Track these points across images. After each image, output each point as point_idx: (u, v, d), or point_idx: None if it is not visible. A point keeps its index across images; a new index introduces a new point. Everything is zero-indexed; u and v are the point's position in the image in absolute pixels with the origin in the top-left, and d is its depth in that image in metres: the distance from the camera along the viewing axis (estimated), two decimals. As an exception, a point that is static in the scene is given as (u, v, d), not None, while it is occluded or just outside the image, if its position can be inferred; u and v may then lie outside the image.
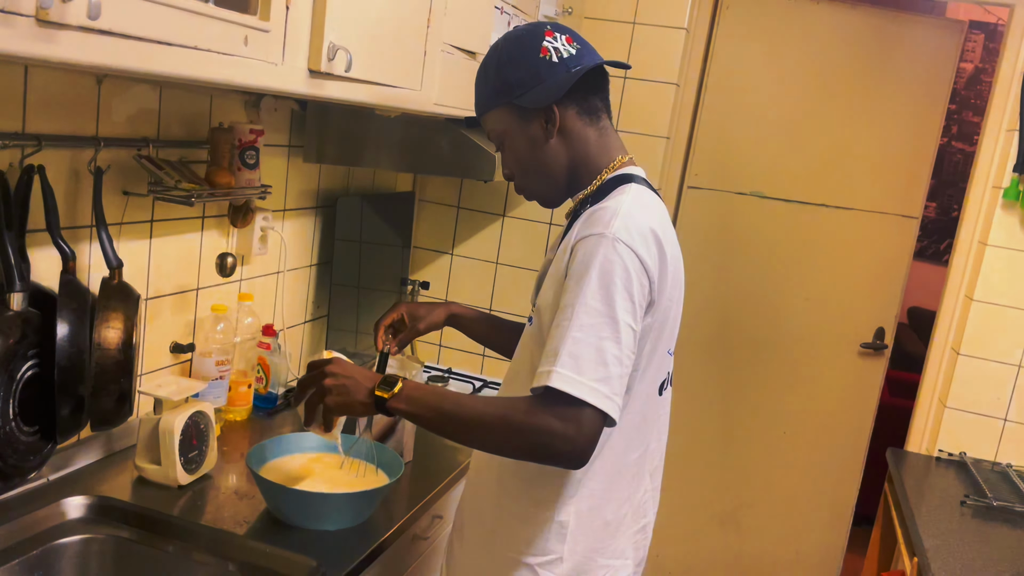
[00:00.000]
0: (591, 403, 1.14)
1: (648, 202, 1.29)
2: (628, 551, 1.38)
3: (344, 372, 1.30)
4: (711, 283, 2.96)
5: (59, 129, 1.47)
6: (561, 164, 1.35)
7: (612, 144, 1.37)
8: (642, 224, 1.22)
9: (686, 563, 3.16)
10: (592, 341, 1.15)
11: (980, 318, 2.48)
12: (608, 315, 1.17)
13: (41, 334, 1.39)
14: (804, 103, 2.86)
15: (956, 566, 1.84)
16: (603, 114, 1.37)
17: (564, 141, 1.34)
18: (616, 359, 1.16)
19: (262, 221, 2.00)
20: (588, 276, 1.18)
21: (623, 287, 1.18)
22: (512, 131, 1.35)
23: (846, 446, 3.08)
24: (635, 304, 1.19)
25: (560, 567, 1.31)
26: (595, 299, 1.17)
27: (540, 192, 1.41)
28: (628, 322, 1.18)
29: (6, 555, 1.34)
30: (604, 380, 1.15)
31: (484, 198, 2.78)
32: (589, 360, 1.14)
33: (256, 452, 1.64)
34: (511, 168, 1.40)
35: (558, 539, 1.31)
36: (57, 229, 1.43)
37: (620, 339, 1.17)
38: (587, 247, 1.20)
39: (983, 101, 4.93)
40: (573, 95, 1.31)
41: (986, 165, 2.51)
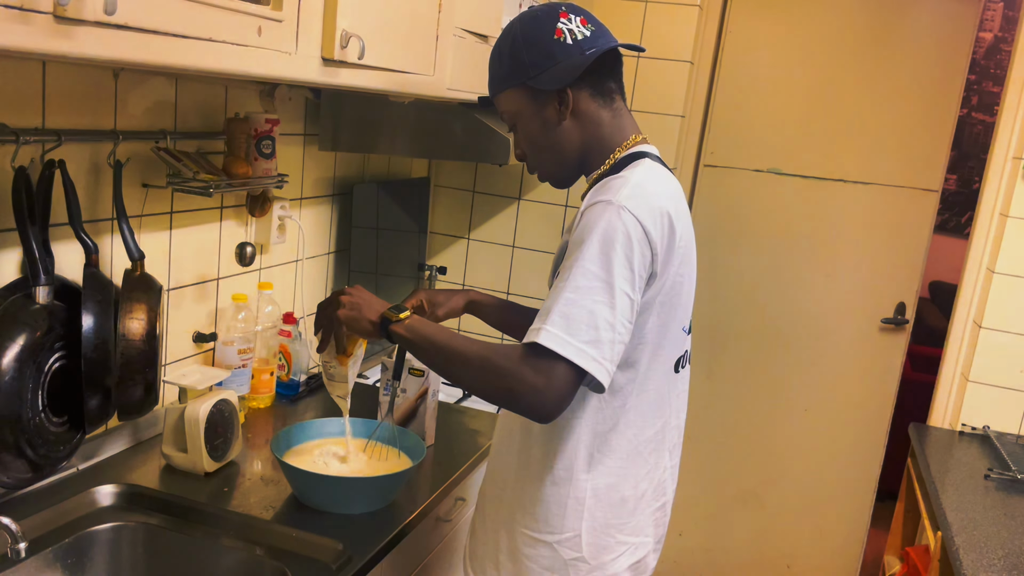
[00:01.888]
0: (574, 361, 1.14)
1: (660, 177, 1.30)
2: (648, 528, 1.39)
3: (360, 294, 1.40)
4: (730, 262, 2.95)
5: (78, 124, 1.49)
6: (574, 145, 1.35)
7: (626, 125, 1.37)
8: (651, 195, 1.23)
9: (708, 541, 3.17)
10: (586, 304, 1.16)
11: (1002, 291, 2.46)
12: (605, 280, 1.17)
13: (67, 327, 1.42)
14: (820, 77, 2.83)
15: (981, 539, 1.84)
16: (617, 96, 1.37)
17: (577, 122, 1.34)
18: (608, 324, 1.16)
19: (279, 210, 2.02)
20: (590, 240, 1.18)
21: (623, 254, 1.18)
22: (525, 112, 1.35)
23: (868, 422, 3.07)
24: (634, 273, 1.19)
25: (578, 544, 1.32)
26: (594, 263, 1.17)
27: (552, 173, 1.41)
28: (625, 290, 1.18)
29: (39, 543, 1.37)
30: (593, 343, 1.15)
31: (499, 182, 2.78)
32: (580, 322, 1.15)
33: (280, 438, 1.66)
34: (523, 149, 1.40)
35: (576, 516, 1.32)
36: (79, 223, 1.45)
37: (615, 305, 1.17)
38: (593, 213, 1.21)
39: (1003, 71, 4.85)
40: (587, 77, 1.31)
41: (1006, 136, 2.48)
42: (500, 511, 1.41)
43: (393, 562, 1.58)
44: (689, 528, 3.13)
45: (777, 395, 3.05)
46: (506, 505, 1.39)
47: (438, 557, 1.83)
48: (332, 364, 1.54)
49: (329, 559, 1.41)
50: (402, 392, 1.90)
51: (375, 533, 1.51)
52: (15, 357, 1.33)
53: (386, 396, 1.93)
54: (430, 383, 1.90)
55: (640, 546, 1.38)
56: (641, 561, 1.39)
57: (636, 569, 1.38)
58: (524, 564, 1.35)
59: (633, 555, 1.37)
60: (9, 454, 1.36)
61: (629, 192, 1.21)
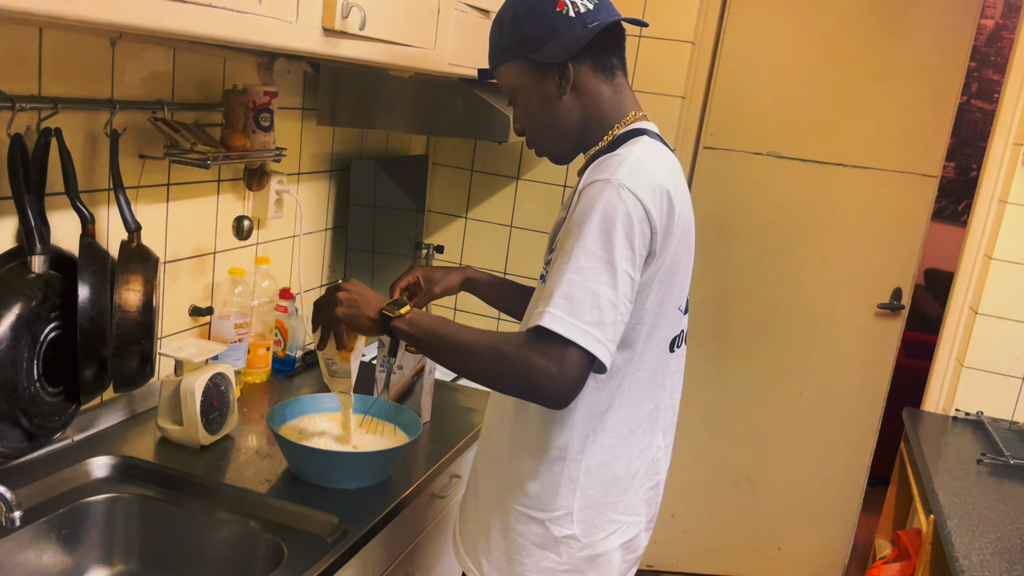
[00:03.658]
0: (580, 344, 1.14)
1: (659, 154, 1.28)
2: (640, 507, 1.39)
3: (357, 289, 1.37)
4: (728, 244, 2.95)
5: (74, 92, 1.47)
6: (573, 121, 1.34)
7: (626, 101, 1.35)
8: (650, 173, 1.22)
9: (701, 522, 3.18)
10: (589, 285, 1.15)
11: (999, 277, 2.46)
12: (607, 260, 1.16)
13: (63, 296, 1.41)
14: (822, 61, 2.81)
15: (973, 523, 1.85)
16: (618, 71, 1.35)
17: (577, 98, 1.32)
18: (611, 304, 1.16)
19: (277, 184, 2.00)
20: (590, 220, 1.17)
21: (624, 234, 1.17)
22: (525, 86, 1.33)
23: (862, 407, 3.08)
24: (635, 252, 1.19)
25: (570, 522, 1.32)
26: (595, 243, 1.17)
27: (551, 148, 1.39)
28: (626, 269, 1.18)
29: (33, 514, 1.36)
30: (597, 324, 1.15)
31: (498, 161, 2.76)
32: (583, 303, 1.15)
33: (276, 412, 1.65)
34: (522, 123, 1.38)
35: (568, 494, 1.32)
36: (75, 192, 1.44)
37: (617, 285, 1.16)
38: (592, 192, 1.20)
39: (1003, 58, 4.84)
40: (589, 51, 1.29)
41: (1007, 122, 2.48)
42: (492, 488, 1.40)
43: (388, 537, 1.59)
44: (682, 510, 3.15)
45: (772, 378, 3.06)
46: (499, 482, 1.39)
47: (432, 533, 1.83)
48: (333, 360, 1.52)
49: (324, 533, 1.41)
50: (398, 369, 1.89)
51: (370, 508, 1.51)
52: (10, 326, 1.32)
53: (382, 372, 1.92)
54: (426, 360, 1.89)
55: (632, 524, 1.38)
56: (633, 540, 1.39)
57: (628, 547, 1.38)
58: (516, 541, 1.35)
59: (625, 534, 1.37)
60: (4, 423, 1.35)
61: (628, 170, 1.20)
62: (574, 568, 1.33)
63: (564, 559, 1.32)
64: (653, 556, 3.20)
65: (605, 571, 1.35)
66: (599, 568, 1.34)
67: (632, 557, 1.41)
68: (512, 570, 1.35)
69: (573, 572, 1.33)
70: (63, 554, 1.41)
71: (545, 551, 1.33)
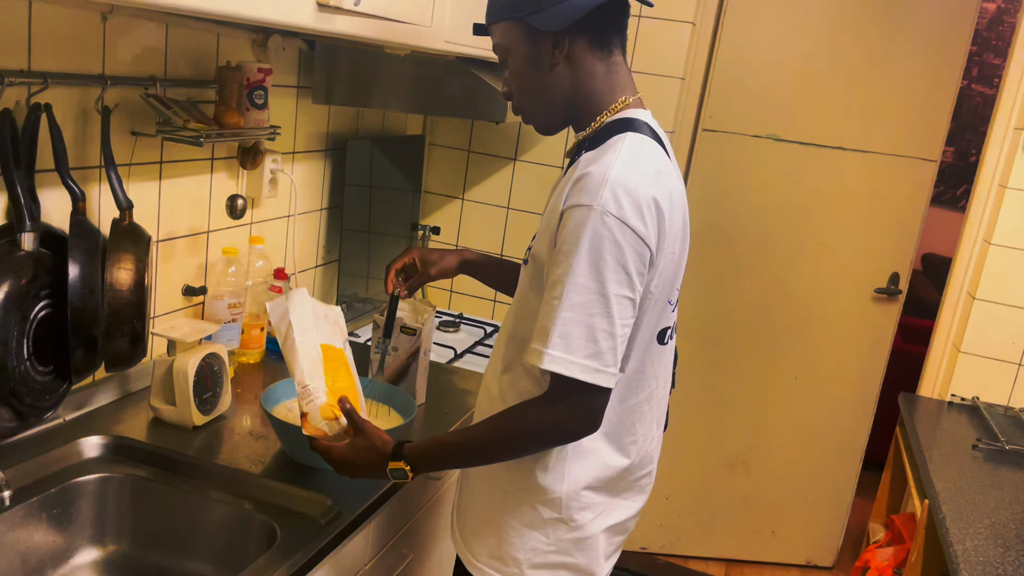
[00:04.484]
0: (582, 380, 1.16)
1: (643, 155, 1.23)
2: (631, 494, 1.39)
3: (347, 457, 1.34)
4: (725, 227, 2.93)
5: (65, 67, 1.45)
6: (562, 94, 1.30)
7: (619, 83, 1.31)
8: (634, 190, 1.17)
9: (695, 505, 3.19)
10: (582, 319, 1.15)
11: (997, 262, 2.45)
12: (598, 291, 1.15)
13: (53, 274, 1.39)
14: (823, 43, 2.79)
15: (967, 508, 1.85)
16: (616, 50, 1.31)
17: (570, 70, 1.28)
18: (607, 334, 1.16)
19: (271, 163, 1.98)
20: (577, 252, 1.15)
21: (614, 261, 1.15)
22: (518, 49, 1.29)
23: (858, 391, 3.08)
24: (631, 274, 1.17)
25: (558, 505, 1.32)
26: (584, 276, 1.15)
27: (535, 117, 1.35)
28: (622, 294, 1.17)
29: (25, 493, 1.35)
30: (594, 356, 1.16)
31: (495, 142, 2.74)
32: (579, 338, 1.16)
33: (270, 393, 1.64)
34: (510, 86, 1.34)
35: (556, 479, 1.31)
36: (66, 169, 1.42)
37: (611, 313, 1.16)
38: (576, 219, 1.16)
39: (1005, 43, 4.81)
40: (588, 23, 1.25)
41: (1008, 106, 2.46)
42: (483, 469, 1.40)
43: (382, 519, 1.58)
44: (676, 492, 3.15)
45: (768, 362, 3.06)
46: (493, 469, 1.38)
47: (427, 515, 1.83)
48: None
49: (318, 514, 1.40)
50: (393, 350, 1.88)
51: (364, 489, 1.50)
52: None
53: (376, 354, 1.91)
54: (421, 341, 1.88)
55: (622, 509, 1.38)
56: (621, 524, 1.39)
57: (615, 530, 1.39)
58: (505, 521, 1.34)
59: (613, 518, 1.37)
60: (-6, 402, 1.34)
61: (609, 193, 1.16)
62: (561, 550, 1.33)
63: (551, 540, 1.33)
64: (647, 539, 3.21)
65: (592, 554, 1.35)
66: (586, 551, 1.34)
67: (618, 540, 1.41)
68: (501, 550, 1.35)
69: (560, 554, 1.33)
70: (54, 534, 1.40)
71: (533, 532, 1.33)
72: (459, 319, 2.66)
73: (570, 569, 1.34)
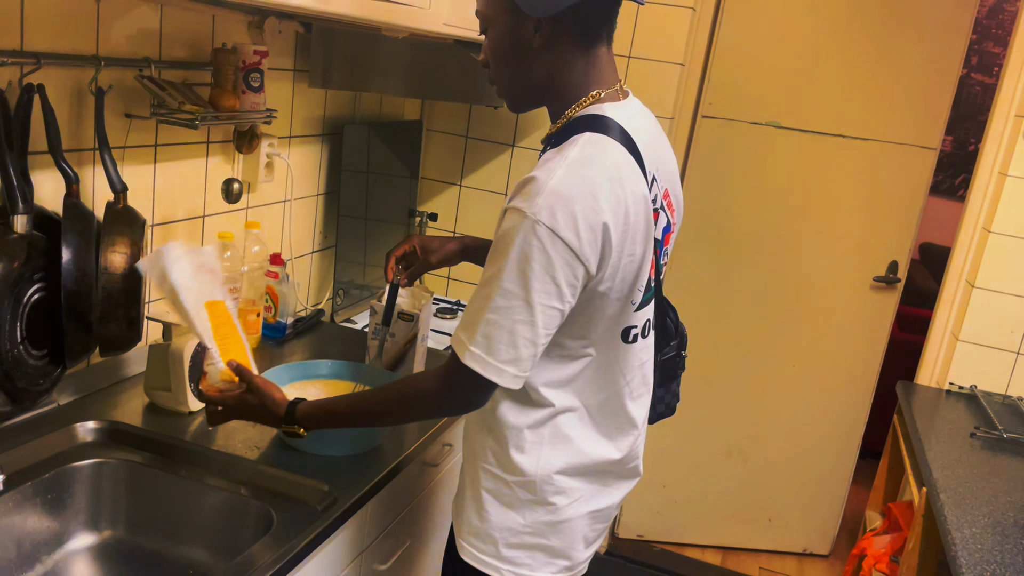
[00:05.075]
0: (496, 382, 1.19)
1: (593, 161, 1.17)
2: (613, 482, 1.39)
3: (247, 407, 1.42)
4: (724, 215, 2.92)
5: (58, 47, 1.43)
6: (537, 77, 1.27)
7: (596, 77, 1.27)
8: (570, 202, 1.13)
9: (692, 493, 3.19)
10: (506, 324, 1.16)
11: (997, 251, 2.44)
12: (523, 299, 1.15)
13: (47, 258, 1.38)
14: (823, 31, 2.77)
15: (965, 496, 1.85)
16: (602, 43, 1.27)
17: (548, 57, 1.25)
18: (528, 341, 1.17)
19: (268, 147, 1.97)
20: (507, 257, 1.15)
21: (542, 271, 1.14)
22: (500, 22, 1.25)
23: (855, 379, 3.08)
24: (559, 285, 1.15)
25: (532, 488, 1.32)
26: (511, 282, 1.15)
27: (509, 92, 1.33)
28: (547, 304, 1.16)
29: (19, 477, 1.34)
30: (513, 361, 1.18)
31: (493, 128, 2.72)
32: (501, 343, 1.17)
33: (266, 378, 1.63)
34: (487, 57, 1.31)
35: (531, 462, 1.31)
36: (59, 151, 1.40)
37: (535, 322, 1.16)
38: (510, 222, 1.15)
39: (1005, 32, 4.80)
40: (575, 13, 1.21)
41: (1009, 93, 2.45)
42: (469, 447, 1.41)
43: (379, 504, 1.57)
44: (673, 480, 3.15)
45: (766, 350, 3.05)
46: (474, 440, 1.39)
47: (424, 501, 1.82)
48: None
49: (314, 500, 1.39)
50: (391, 336, 1.87)
51: (361, 476, 1.49)
52: (-8, 287, 1.29)
53: (374, 340, 1.90)
54: (419, 328, 1.87)
55: (602, 496, 1.37)
56: (603, 510, 1.39)
57: (596, 517, 1.38)
58: (484, 498, 1.35)
59: (592, 504, 1.37)
60: (-13, 386, 1.33)
61: (544, 200, 1.13)
62: (536, 531, 1.34)
63: (528, 522, 1.33)
64: (643, 526, 3.21)
65: (568, 537, 1.35)
66: (562, 534, 1.35)
67: (600, 527, 1.41)
68: (480, 527, 1.36)
69: (535, 535, 1.34)
70: (48, 519, 1.39)
71: (511, 512, 1.34)
72: (456, 306, 2.65)
73: (545, 551, 1.35)
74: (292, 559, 1.26)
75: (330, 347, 2.09)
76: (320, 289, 2.41)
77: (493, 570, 1.34)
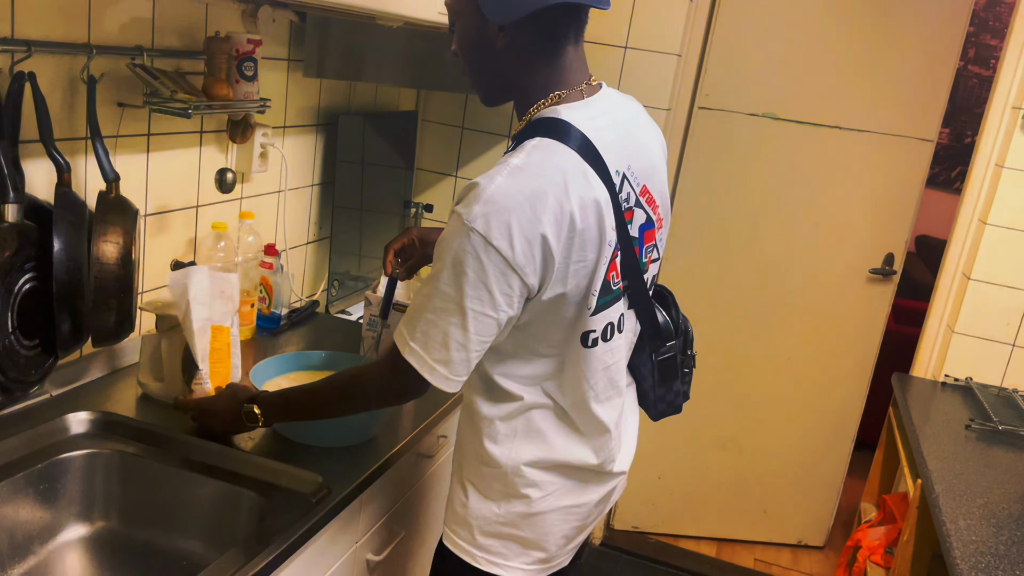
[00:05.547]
0: (427, 379, 1.22)
1: (537, 170, 1.16)
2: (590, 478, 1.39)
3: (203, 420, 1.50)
4: (720, 206, 2.92)
5: (49, 35, 1.41)
6: (500, 73, 1.27)
7: (558, 79, 1.26)
8: (506, 211, 1.12)
9: (687, 485, 3.19)
10: (441, 325, 1.19)
11: (993, 242, 2.44)
12: (456, 303, 1.17)
13: (38, 247, 1.37)
14: (820, 22, 2.76)
15: (960, 488, 1.85)
16: (568, 43, 1.25)
17: (511, 56, 1.24)
18: (459, 345, 1.19)
19: (262, 137, 1.95)
20: (445, 261, 1.16)
21: (475, 278, 1.15)
22: (466, 17, 1.25)
23: (851, 372, 3.08)
24: (492, 293, 1.15)
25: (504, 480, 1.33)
26: (448, 285, 1.17)
27: (477, 86, 1.33)
28: (479, 311, 1.17)
29: (11, 468, 1.33)
30: (443, 362, 1.20)
31: (489, 118, 2.71)
32: (435, 342, 1.20)
33: (260, 369, 1.62)
34: (457, 48, 1.31)
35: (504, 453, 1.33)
36: (51, 139, 1.39)
37: (467, 327, 1.18)
38: (451, 225, 1.16)
39: (1002, 24, 4.79)
40: (537, 19, 1.20)
41: (1006, 86, 2.44)
42: (457, 438, 1.43)
43: (373, 495, 1.57)
44: (668, 472, 3.15)
45: (761, 341, 3.05)
46: (460, 432, 1.42)
47: (419, 492, 1.82)
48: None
49: (308, 491, 1.39)
50: (386, 327, 1.86)
51: (355, 467, 1.49)
52: (-17, 277, 1.28)
53: (369, 332, 1.89)
54: (414, 319, 1.86)
55: (576, 492, 1.37)
56: (579, 506, 1.38)
57: (571, 512, 1.38)
58: (465, 485, 1.38)
59: (567, 499, 1.36)
60: (-23, 376, 1.32)
61: (481, 210, 1.13)
62: (509, 522, 1.35)
63: (502, 512, 1.35)
64: (638, 518, 3.22)
65: (541, 530, 1.36)
66: (535, 527, 1.35)
67: (577, 523, 1.40)
68: (460, 514, 1.38)
69: (508, 526, 1.35)
70: (41, 510, 1.38)
71: (488, 502, 1.35)
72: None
73: (519, 542, 1.36)
74: (285, 550, 1.25)
75: (325, 338, 2.09)
76: (315, 280, 2.40)
77: (469, 557, 1.37)
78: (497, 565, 1.36)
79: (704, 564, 3.12)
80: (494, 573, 1.37)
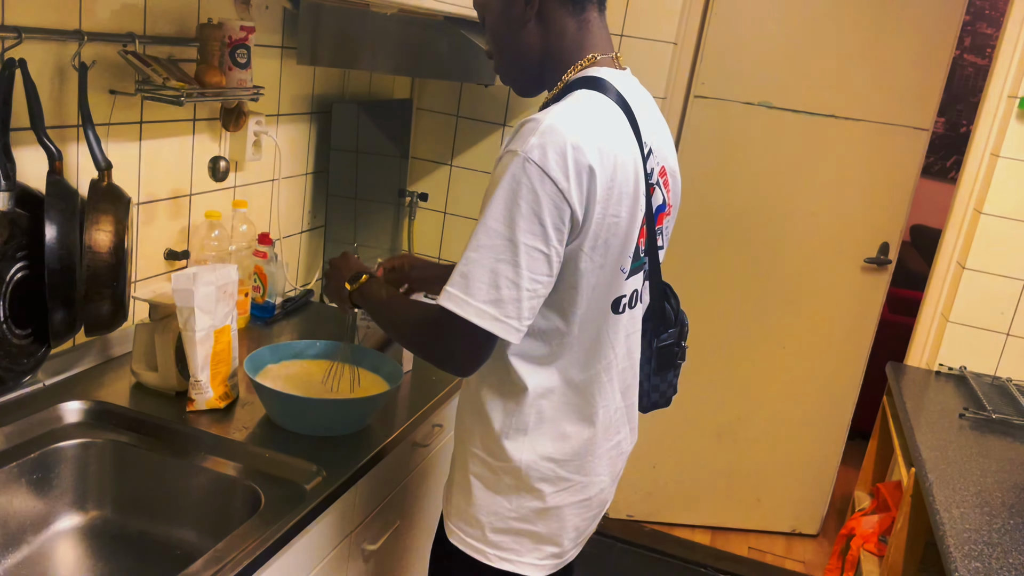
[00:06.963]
0: (476, 323, 1.13)
1: (589, 111, 1.17)
2: (599, 467, 1.37)
3: (337, 262, 1.49)
4: (715, 195, 2.91)
5: (40, 22, 1.40)
6: (535, 52, 1.28)
7: (589, 41, 1.28)
8: (563, 142, 1.12)
9: (681, 474, 3.20)
10: (486, 263, 1.12)
11: (988, 232, 2.44)
12: (508, 237, 1.12)
13: (30, 236, 1.36)
14: (817, 10, 2.75)
15: (954, 476, 1.85)
16: (592, 7, 1.28)
17: (541, 28, 1.27)
18: (511, 282, 1.12)
19: (255, 125, 1.94)
20: (495, 195, 1.13)
21: (529, 209, 1.12)
22: (492, 6, 1.28)
23: (845, 361, 3.08)
24: (546, 227, 1.13)
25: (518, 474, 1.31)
26: (496, 220, 1.12)
27: (513, 77, 1.34)
28: (533, 245, 1.12)
29: (3, 458, 1.33)
30: (494, 302, 1.12)
31: (484, 106, 2.70)
32: (480, 281, 1.12)
33: (254, 358, 1.62)
34: (490, 45, 1.34)
35: (516, 448, 1.30)
36: (42, 127, 1.37)
37: (519, 262, 1.12)
38: (502, 164, 1.14)
39: (998, 12, 4.78)
40: None
41: (1002, 74, 2.44)
42: (459, 430, 1.40)
43: (368, 484, 1.57)
44: (662, 460, 3.16)
45: (755, 331, 3.05)
46: (464, 424, 1.39)
47: (414, 481, 1.82)
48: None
49: (303, 480, 1.38)
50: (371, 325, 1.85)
51: (350, 456, 1.49)
52: (-26, 265, 1.27)
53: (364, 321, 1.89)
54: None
55: (589, 484, 1.36)
56: (591, 498, 1.37)
57: (585, 505, 1.37)
58: (472, 482, 1.34)
59: (580, 492, 1.35)
60: (-31, 366, 1.31)
61: (538, 139, 1.12)
62: (522, 517, 1.33)
63: (513, 507, 1.32)
64: (633, 507, 3.22)
65: (555, 524, 1.34)
66: (549, 521, 1.34)
67: (591, 515, 1.40)
68: (468, 511, 1.35)
69: (521, 521, 1.33)
70: (35, 500, 1.38)
71: (498, 497, 1.33)
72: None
73: (532, 537, 1.34)
74: (280, 539, 1.25)
75: (319, 328, 2.08)
76: (309, 269, 2.39)
77: (480, 554, 1.33)
78: (510, 561, 1.33)
79: (698, 552, 3.13)
80: (506, 570, 1.34)
